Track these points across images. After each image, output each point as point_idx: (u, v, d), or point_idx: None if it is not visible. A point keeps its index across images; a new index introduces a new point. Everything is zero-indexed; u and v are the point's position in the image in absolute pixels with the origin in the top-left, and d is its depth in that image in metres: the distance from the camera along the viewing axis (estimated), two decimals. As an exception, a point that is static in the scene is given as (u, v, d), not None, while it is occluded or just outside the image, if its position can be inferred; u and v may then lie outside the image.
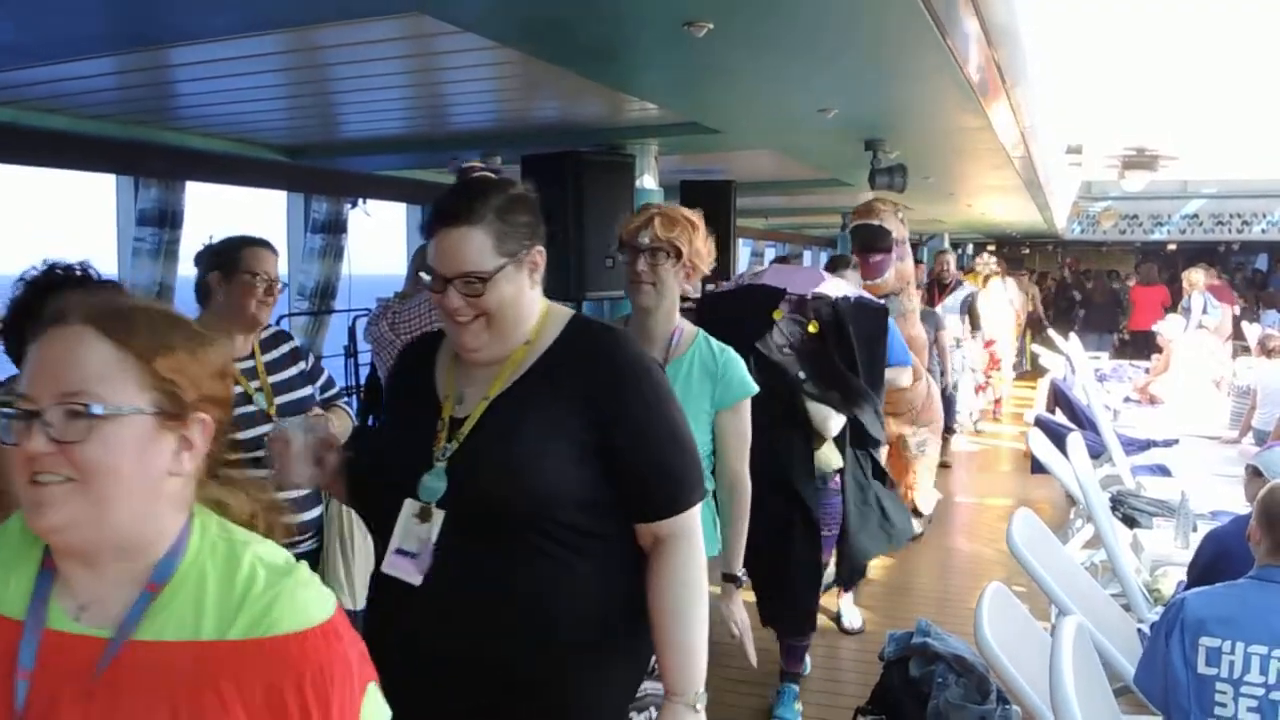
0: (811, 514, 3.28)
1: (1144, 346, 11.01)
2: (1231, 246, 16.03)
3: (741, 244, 10.67)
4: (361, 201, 5.40)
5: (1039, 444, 4.89)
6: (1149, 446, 5.85)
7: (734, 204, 5.56)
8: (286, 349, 2.59)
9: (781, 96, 3.82)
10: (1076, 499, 4.54)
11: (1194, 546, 3.25)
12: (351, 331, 5.86)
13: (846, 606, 4.44)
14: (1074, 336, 10.16)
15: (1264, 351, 6.32)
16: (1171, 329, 8.29)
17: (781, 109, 4.09)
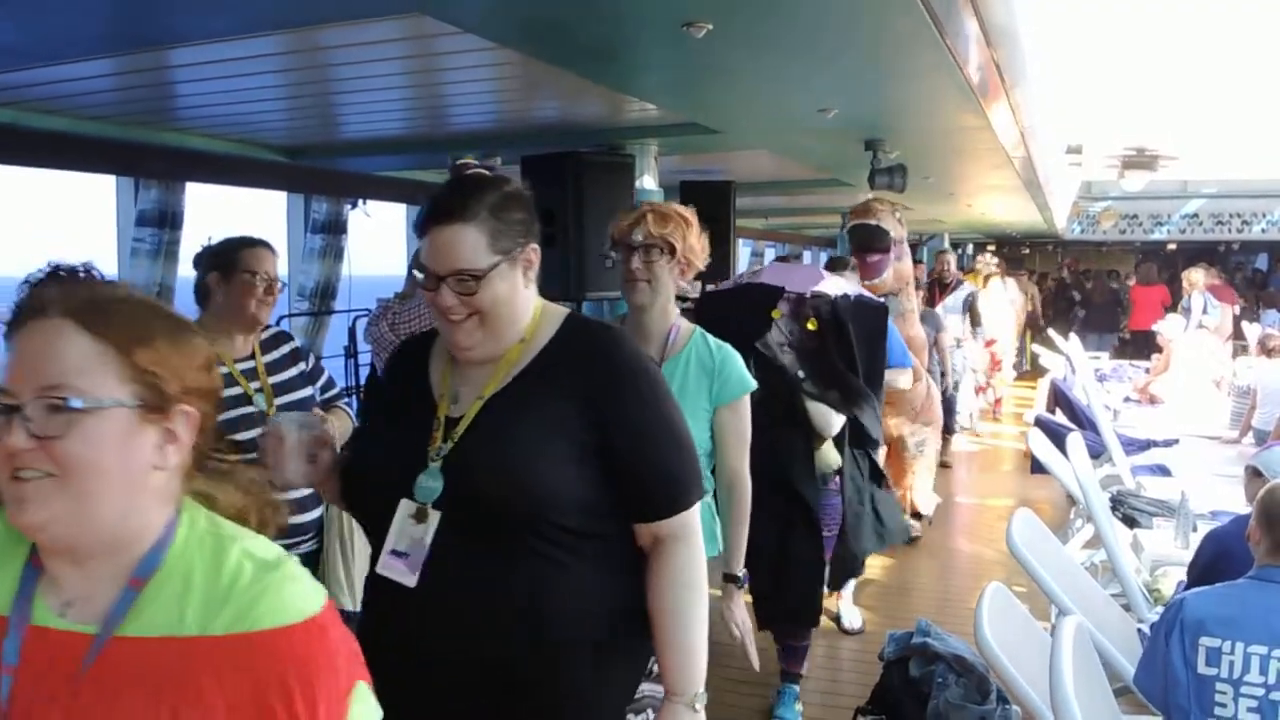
0: (813, 513, 3.26)
1: (1144, 346, 11.02)
2: (1231, 246, 16.02)
3: (741, 244, 10.68)
4: (361, 202, 5.40)
5: (1039, 444, 4.89)
6: (1149, 446, 5.85)
7: (734, 204, 5.55)
8: (287, 349, 2.59)
9: (781, 97, 3.82)
10: (1076, 499, 4.54)
11: (1194, 546, 3.25)
12: (351, 332, 5.87)
13: (846, 607, 4.44)
14: (1074, 336, 10.16)
15: (1264, 351, 6.32)
16: (1171, 329, 8.29)
17: (781, 109, 4.09)
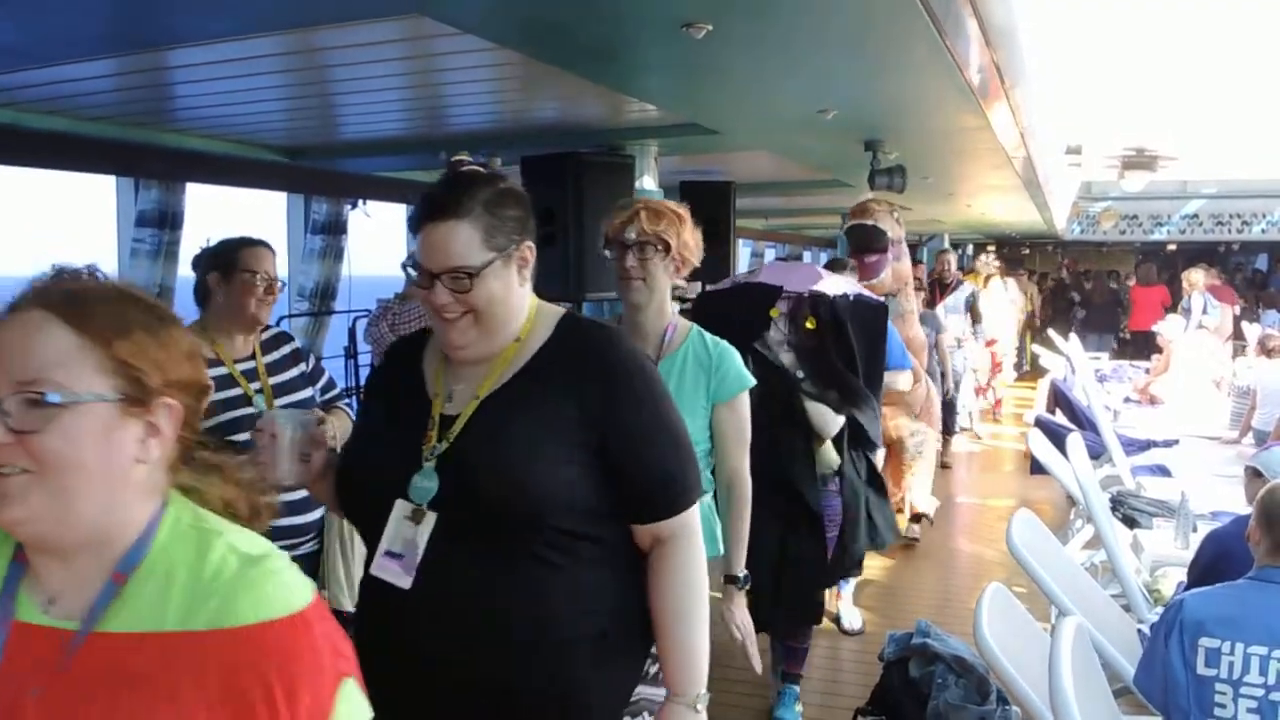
0: (814, 513, 3.24)
1: (1144, 347, 11.02)
2: (1231, 247, 16.04)
3: (741, 244, 10.68)
4: (361, 203, 5.40)
5: (1039, 444, 4.89)
6: (1149, 447, 5.85)
7: (734, 205, 5.56)
8: (288, 350, 2.59)
9: (780, 97, 3.82)
10: (1076, 500, 4.54)
11: (1194, 547, 3.24)
12: (351, 332, 5.87)
13: (846, 607, 4.44)
14: (1074, 337, 10.16)
15: (1264, 351, 6.32)
16: (1171, 329, 8.29)
17: (780, 110, 4.09)
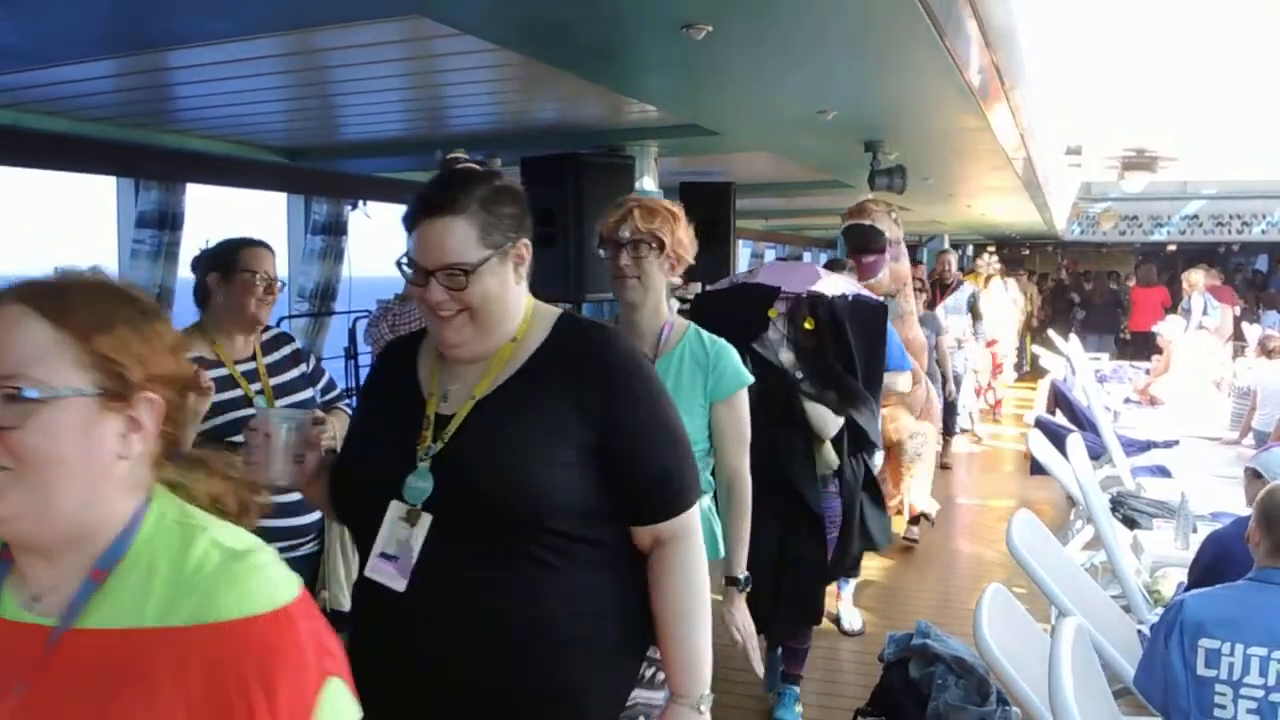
0: (815, 513, 3.23)
1: (1144, 347, 11.02)
2: (1231, 247, 16.04)
3: (741, 245, 10.68)
4: (361, 203, 5.40)
5: (1039, 445, 4.89)
6: (1149, 447, 5.85)
7: (733, 205, 5.55)
8: (288, 351, 2.59)
9: (780, 98, 3.82)
10: (1076, 500, 4.54)
11: (1194, 548, 3.25)
12: (352, 333, 5.87)
13: (846, 608, 4.44)
14: (1074, 337, 10.16)
15: (1264, 352, 6.32)
16: (1172, 330, 8.29)
17: (780, 110, 4.09)
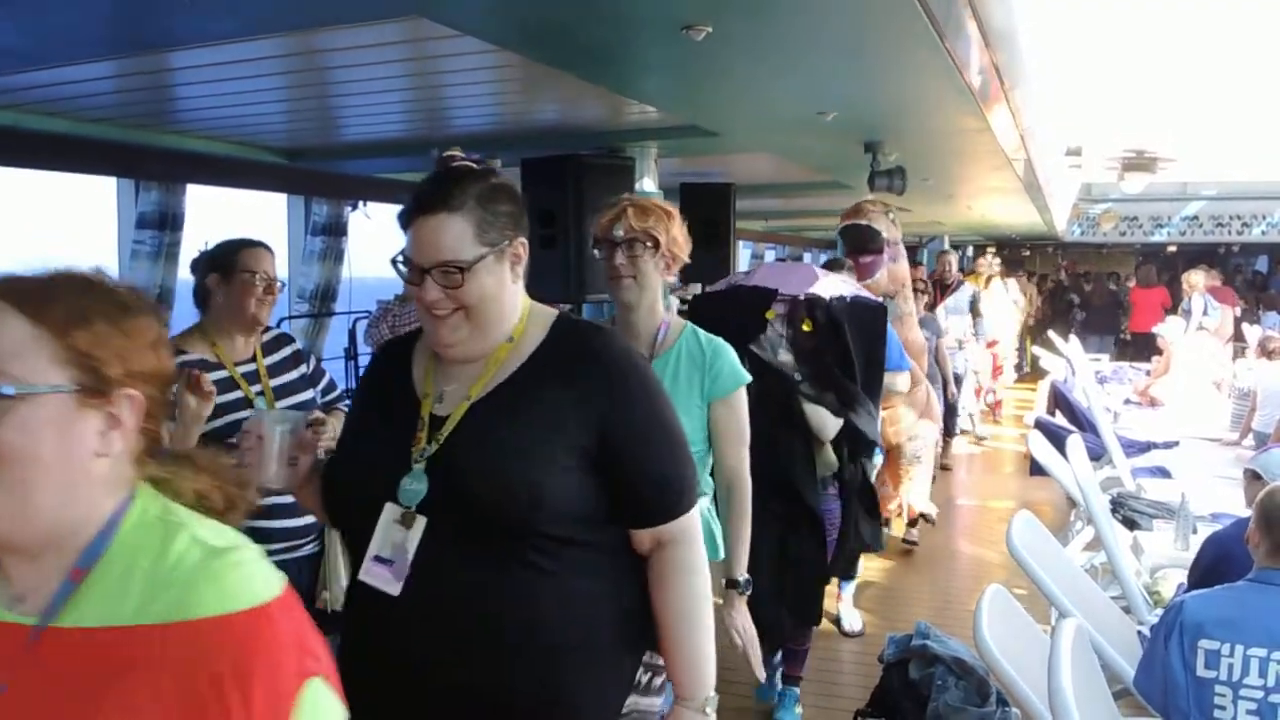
0: (815, 513, 3.22)
1: (1144, 348, 11.01)
2: (1231, 248, 16.04)
3: (742, 246, 10.68)
4: (362, 204, 5.40)
5: (1039, 446, 4.89)
6: (1149, 448, 5.85)
7: (733, 206, 5.55)
8: (289, 352, 2.59)
9: (780, 99, 3.82)
10: (1077, 501, 4.54)
11: (1194, 549, 3.25)
12: (352, 334, 5.86)
13: (847, 609, 4.44)
14: (1074, 338, 10.15)
15: (1264, 353, 6.32)
16: (1172, 331, 8.29)
17: (780, 112, 4.09)
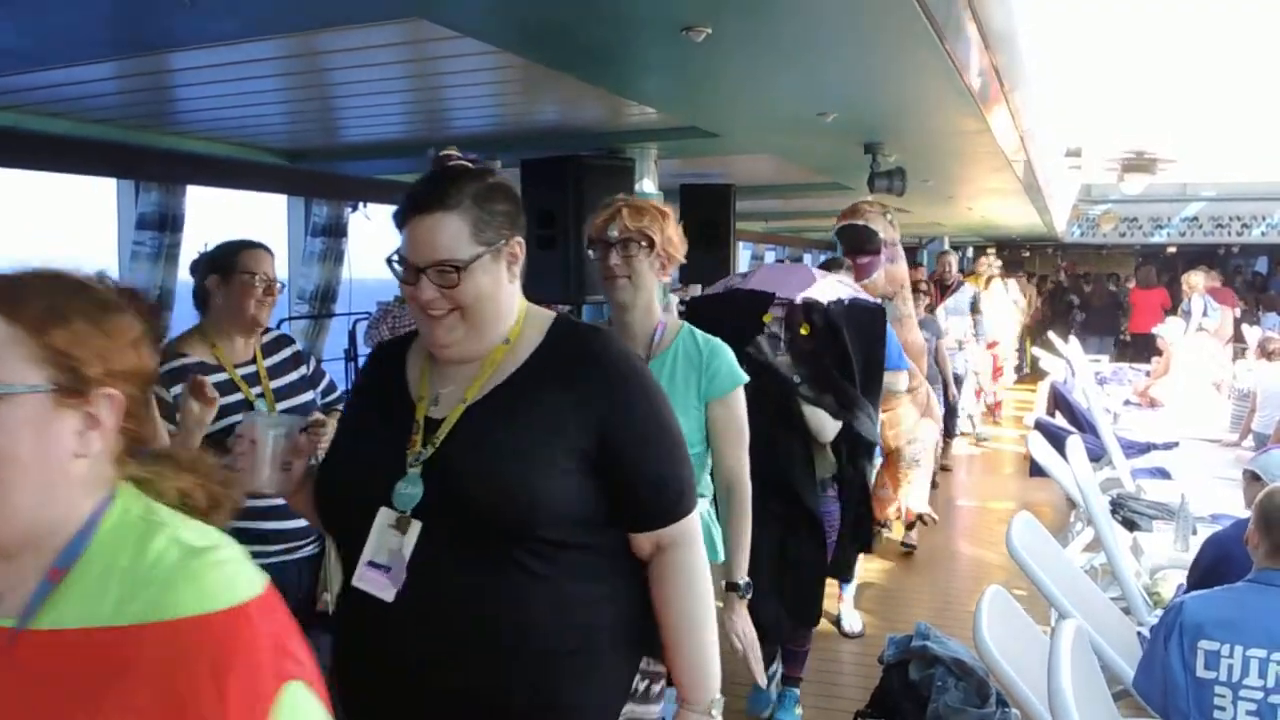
0: (815, 514, 3.22)
1: (1144, 349, 11.01)
2: (1231, 249, 16.05)
3: (742, 247, 10.68)
4: (362, 205, 5.41)
5: (1039, 447, 4.89)
6: (1149, 449, 5.85)
7: (733, 207, 5.56)
8: (289, 353, 2.58)
9: (780, 100, 3.82)
10: (1076, 502, 4.54)
11: (1194, 550, 3.25)
12: (352, 335, 5.86)
13: (847, 610, 4.44)
14: (1074, 339, 10.15)
15: (1264, 354, 6.32)
16: (1171, 332, 8.29)
17: (780, 113, 4.09)
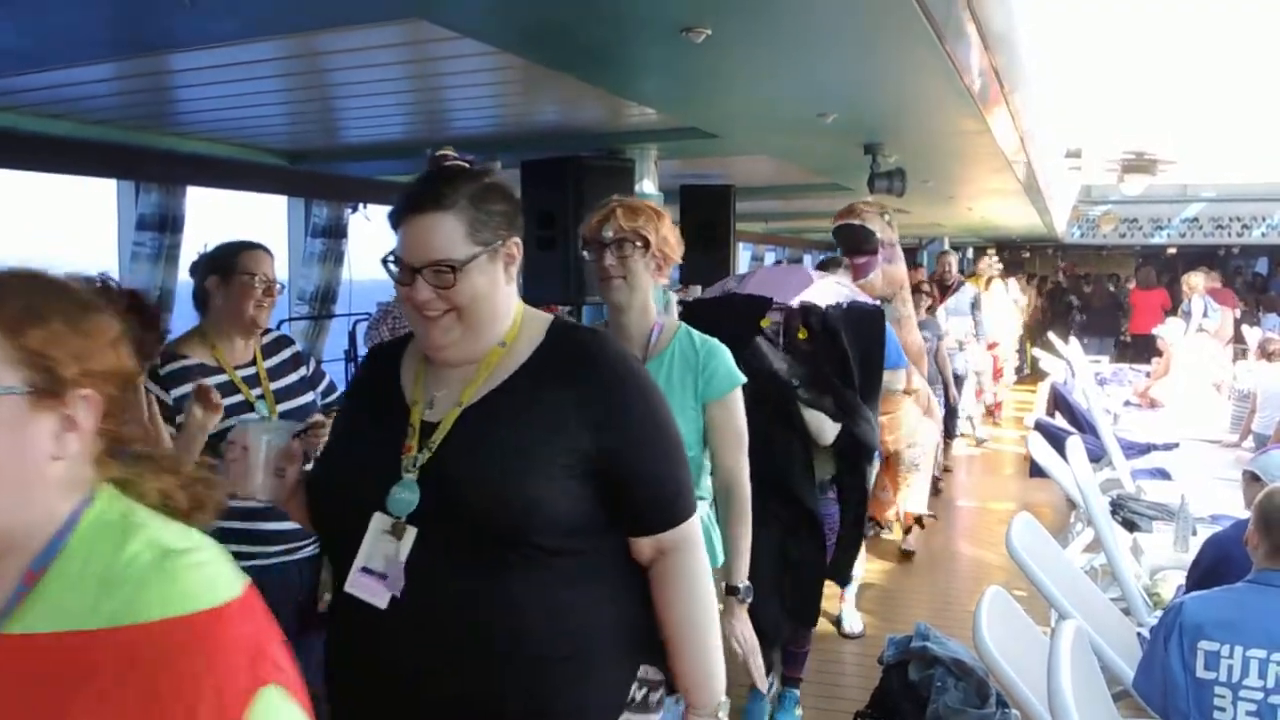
0: (815, 515, 3.20)
1: (1144, 350, 11.01)
2: (1231, 250, 16.05)
3: (742, 248, 10.68)
4: (362, 206, 5.41)
5: (1039, 448, 4.89)
6: (1149, 450, 5.84)
7: (733, 208, 5.56)
8: (288, 354, 2.58)
9: (779, 101, 3.83)
10: (1076, 503, 4.54)
11: (1194, 550, 3.25)
12: (352, 336, 5.86)
13: (848, 610, 4.44)
14: (1074, 340, 10.15)
15: (1264, 355, 6.32)
16: (1172, 333, 8.29)
17: (780, 113, 4.10)
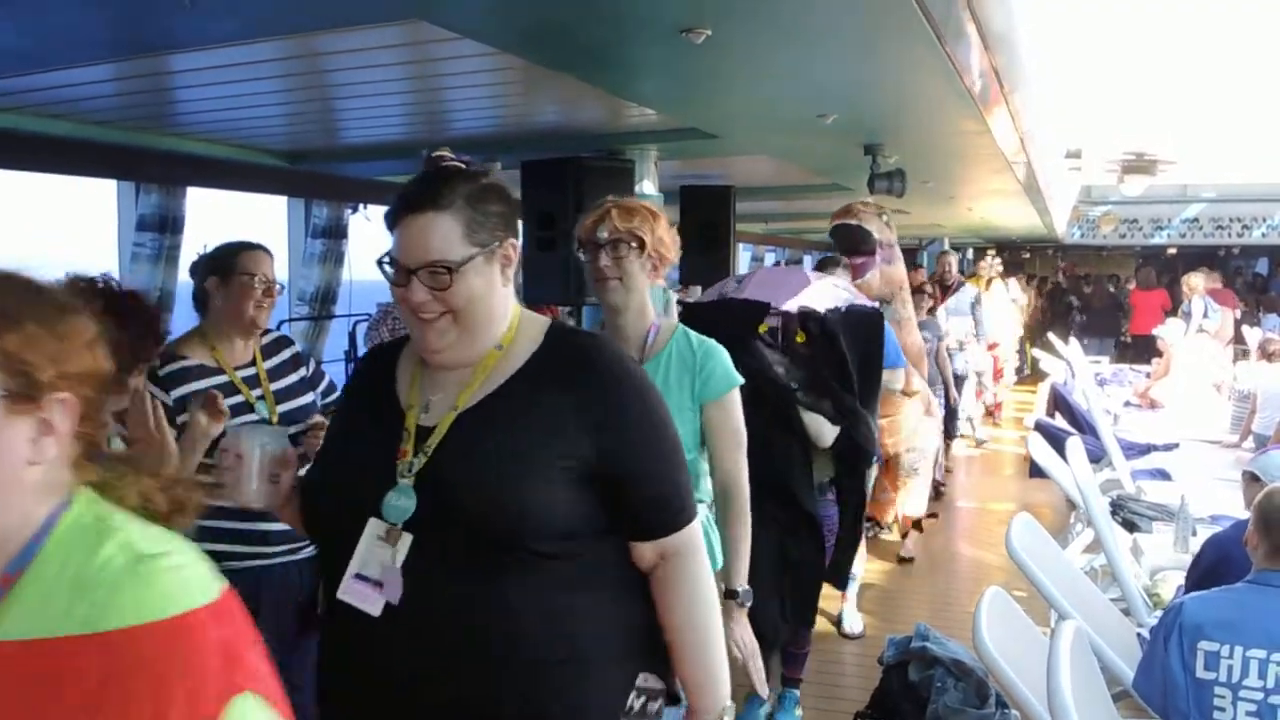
0: (814, 516, 3.21)
1: (1144, 351, 11.01)
2: (1231, 250, 16.05)
3: (742, 248, 10.68)
4: (362, 207, 5.41)
5: (1039, 448, 4.89)
6: (1149, 451, 5.84)
7: (733, 209, 5.57)
8: (288, 355, 2.58)
9: (779, 102, 3.83)
10: (1076, 503, 4.54)
11: (1194, 551, 3.25)
12: (352, 337, 5.86)
13: (848, 611, 4.44)
14: (1074, 341, 10.15)
15: (1264, 356, 6.32)
16: (1172, 333, 8.29)
17: (780, 114, 4.10)
